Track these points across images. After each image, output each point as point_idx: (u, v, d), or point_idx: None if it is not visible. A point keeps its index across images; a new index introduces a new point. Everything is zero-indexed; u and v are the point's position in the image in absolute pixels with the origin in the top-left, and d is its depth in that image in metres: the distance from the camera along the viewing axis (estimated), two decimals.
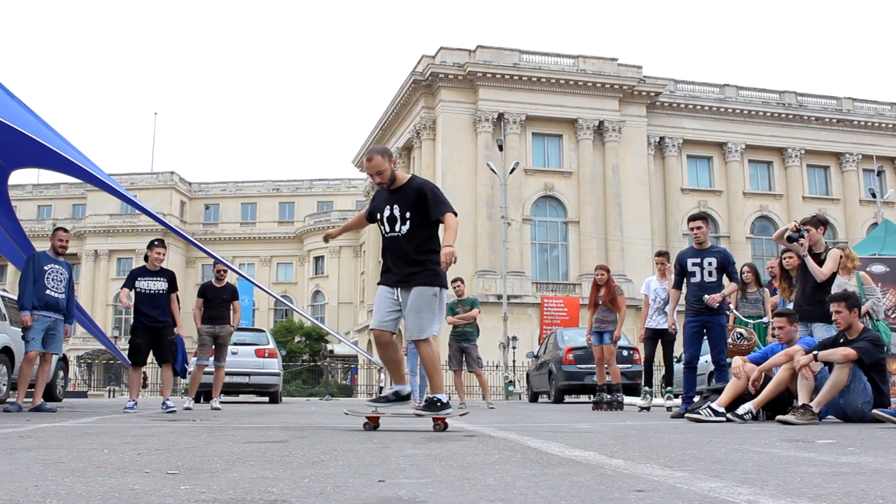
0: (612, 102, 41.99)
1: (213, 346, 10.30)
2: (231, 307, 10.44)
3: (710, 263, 7.90)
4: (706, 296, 7.81)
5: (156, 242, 9.33)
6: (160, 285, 9.13)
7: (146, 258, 9.30)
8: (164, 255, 9.38)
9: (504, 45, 42.43)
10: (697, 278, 7.93)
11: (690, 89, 45.58)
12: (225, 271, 10.54)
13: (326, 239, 6.05)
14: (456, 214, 5.11)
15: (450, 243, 4.88)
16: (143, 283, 9.05)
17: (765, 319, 9.35)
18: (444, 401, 5.02)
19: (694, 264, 7.98)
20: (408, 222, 5.06)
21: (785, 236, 7.62)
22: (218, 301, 10.28)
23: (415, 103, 42.51)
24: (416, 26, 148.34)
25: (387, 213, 5.12)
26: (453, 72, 40.30)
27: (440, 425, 4.91)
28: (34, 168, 10.85)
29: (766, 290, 9.68)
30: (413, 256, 5.03)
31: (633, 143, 42.25)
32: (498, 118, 40.24)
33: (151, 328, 9.04)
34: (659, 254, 10.76)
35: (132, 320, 9.13)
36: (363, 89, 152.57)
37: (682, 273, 8.12)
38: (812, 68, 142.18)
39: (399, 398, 5.14)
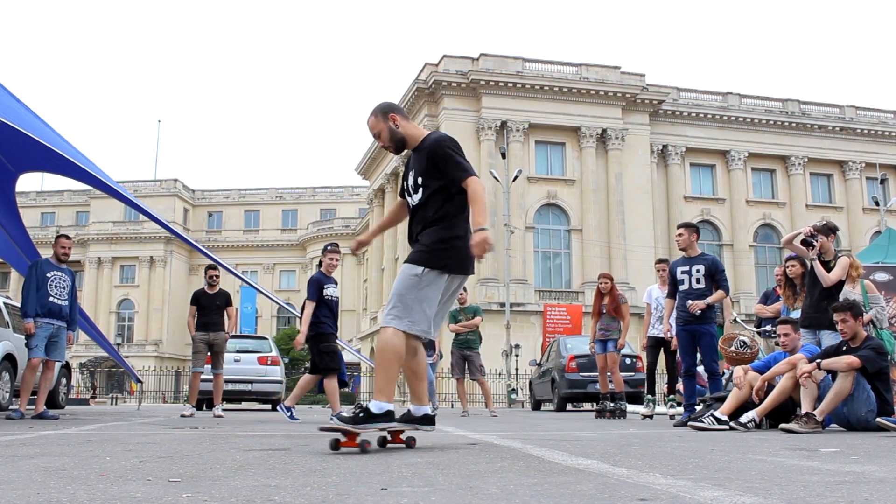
0: (615, 110, 42.03)
1: (209, 354, 10.26)
2: (225, 313, 10.39)
3: (697, 270, 7.91)
4: (688, 301, 7.81)
5: (329, 247, 8.75)
6: (337, 291, 8.70)
7: (320, 264, 8.70)
8: (338, 260, 8.79)
9: (507, 52, 42.58)
10: (686, 286, 7.94)
11: (693, 97, 45.64)
12: (217, 277, 10.51)
13: (358, 247, 5.11)
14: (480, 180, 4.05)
15: (482, 224, 3.81)
16: (329, 290, 8.55)
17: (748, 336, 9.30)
18: (376, 411, 3.80)
19: (683, 272, 7.99)
20: (420, 190, 4.07)
21: (799, 240, 7.60)
22: (211, 308, 10.24)
23: (418, 111, 42.57)
24: (419, 34, 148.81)
25: (409, 181, 4.17)
26: (456, 80, 40.39)
27: (348, 441, 3.76)
28: (42, 172, 10.87)
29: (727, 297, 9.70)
30: (420, 231, 4.04)
31: (636, 151, 42.30)
32: (501, 126, 40.29)
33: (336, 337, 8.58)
34: (659, 261, 10.73)
35: (319, 326, 8.44)
36: (367, 97, 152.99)
37: (674, 282, 8.13)
38: (815, 77, 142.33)
39: (411, 419, 4.12)
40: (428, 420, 4.15)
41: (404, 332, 3.85)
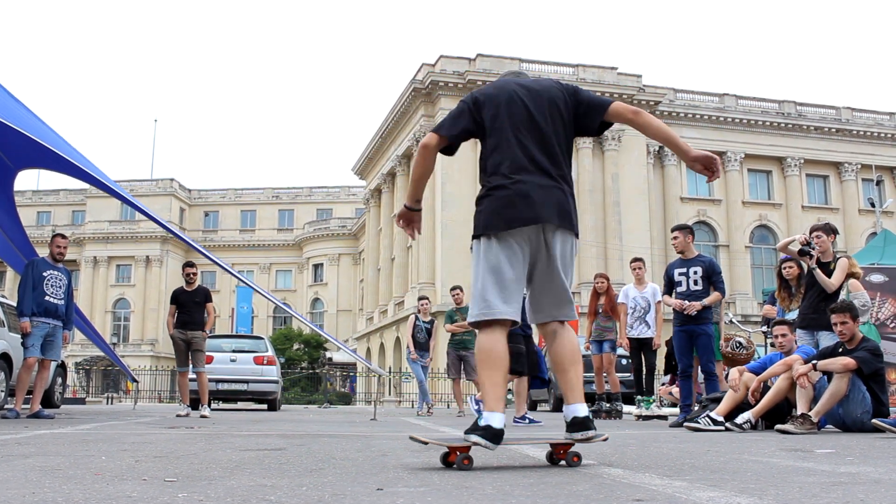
0: None
1: (189, 352, 10.21)
2: (205, 310, 10.37)
3: (695, 272, 7.96)
4: (685, 303, 7.85)
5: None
6: None
7: None
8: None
9: (504, 53, 42.55)
10: (683, 287, 7.99)
11: (690, 98, 45.68)
12: (195, 274, 10.54)
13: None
14: None
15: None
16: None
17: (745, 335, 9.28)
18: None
19: (680, 274, 8.05)
20: None
21: (797, 250, 7.63)
22: (190, 305, 10.25)
23: (415, 111, 42.56)
24: (416, 34, 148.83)
25: None
26: (453, 80, 40.38)
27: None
28: (40, 169, 10.86)
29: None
30: None
31: (632, 151, 42.31)
32: None
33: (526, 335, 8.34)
34: (634, 260, 10.70)
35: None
36: (363, 97, 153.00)
37: (669, 284, 8.16)
38: (811, 78, 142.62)
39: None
40: (576, 425, 3.23)
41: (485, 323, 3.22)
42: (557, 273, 3.29)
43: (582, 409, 3.23)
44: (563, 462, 3.19)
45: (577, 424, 3.20)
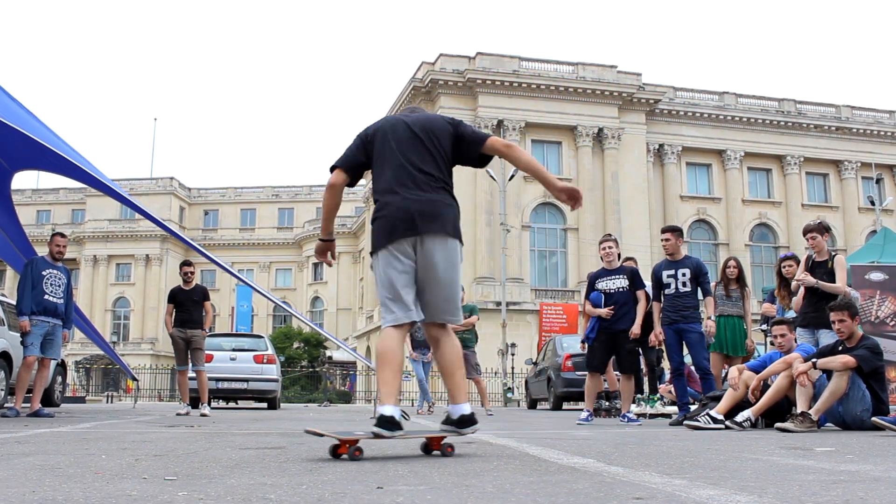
0: (612, 109, 42.04)
1: (188, 351, 10.26)
2: (203, 309, 10.42)
3: (683, 274, 7.97)
4: (703, 327, 7.87)
5: (604, 237, 8.42)
6: (620, 283, 8.19)
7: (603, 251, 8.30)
8: (615, 248, 8.31)
9: (504, 51, 42.55)
10: (672, 289, 8.00)
11: (689, 97, 45.68)
12: (192, 273, 10.59)
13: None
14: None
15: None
16: (604, 284, 8.21)
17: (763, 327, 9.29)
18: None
19: (668, 276, 8.06)
20: None
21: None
22: (188, 303, 10.31)
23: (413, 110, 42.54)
24: (416, 33, 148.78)
25: None
26: (453, 78, 40.38)
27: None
28: (37, 170, 10.84)
29: (747, 289, 9.59)
30: None
31: (632, 150, 42.32)
32: (497, 125, 40.29)
33: (611, 333, 8.15)
34: (626, 259, 10.68)
35: (591, 322, 8.11)
36: (363, 96, 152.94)
37: (658, 286, 8.16)
38: (811, 76, 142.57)
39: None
40: (465, 421, 3.70)
41: (391, 327, 3.61)
42: (438, 277, 3.59)
43: (468, 408, 3.71)
44: (437, 452, 3.59)
45: (465, 421, 3.68)
